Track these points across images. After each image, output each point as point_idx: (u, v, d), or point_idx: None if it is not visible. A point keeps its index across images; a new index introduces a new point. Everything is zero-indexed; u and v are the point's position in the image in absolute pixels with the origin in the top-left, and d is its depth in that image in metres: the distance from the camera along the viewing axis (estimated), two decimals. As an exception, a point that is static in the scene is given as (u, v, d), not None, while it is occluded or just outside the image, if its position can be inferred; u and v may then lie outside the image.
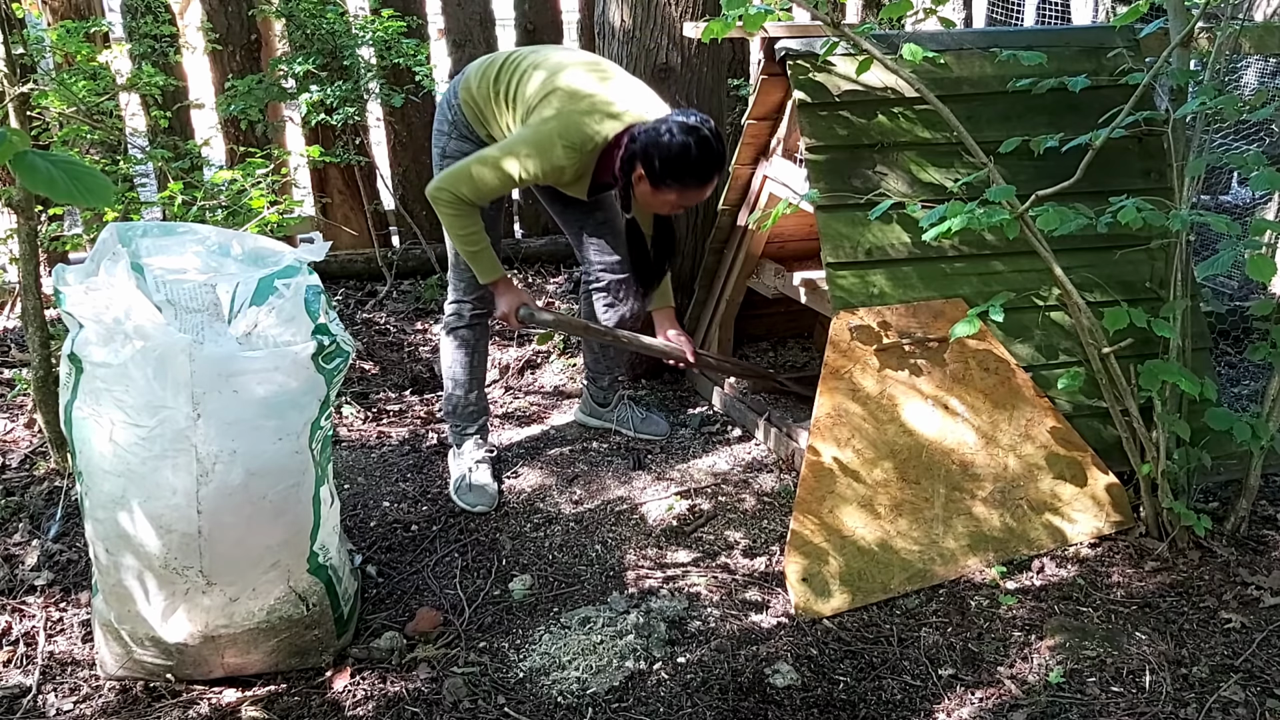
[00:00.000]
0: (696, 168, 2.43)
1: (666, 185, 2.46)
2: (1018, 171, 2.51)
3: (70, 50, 3.33)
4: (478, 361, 2.90)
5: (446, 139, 2.72)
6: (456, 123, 2.70)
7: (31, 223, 2.64)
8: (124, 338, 1.88)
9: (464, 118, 2.68)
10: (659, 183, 2.45)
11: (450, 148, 2.71)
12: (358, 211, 4.53)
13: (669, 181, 2.45)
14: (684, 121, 2.42)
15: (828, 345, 2.46)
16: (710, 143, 2.43)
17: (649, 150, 2.42)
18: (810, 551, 2.37)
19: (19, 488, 2.81)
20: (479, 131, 2.68)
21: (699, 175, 2.45)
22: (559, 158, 2.47)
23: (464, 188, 2.51)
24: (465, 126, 2.69)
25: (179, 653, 2.06)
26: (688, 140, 2.40)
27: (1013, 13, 5.93)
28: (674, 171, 2.43)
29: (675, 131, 2.40)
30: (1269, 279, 2.04)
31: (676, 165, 2.42)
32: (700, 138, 2.41)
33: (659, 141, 2.41)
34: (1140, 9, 2.43)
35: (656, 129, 2.43)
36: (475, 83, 2.65)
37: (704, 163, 2.43)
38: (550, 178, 2.54)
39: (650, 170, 2.44)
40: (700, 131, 2.41)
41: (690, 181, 2.46)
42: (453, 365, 2.88)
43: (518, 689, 2.12)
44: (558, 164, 2.49)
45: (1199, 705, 2.00)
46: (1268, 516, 2.62)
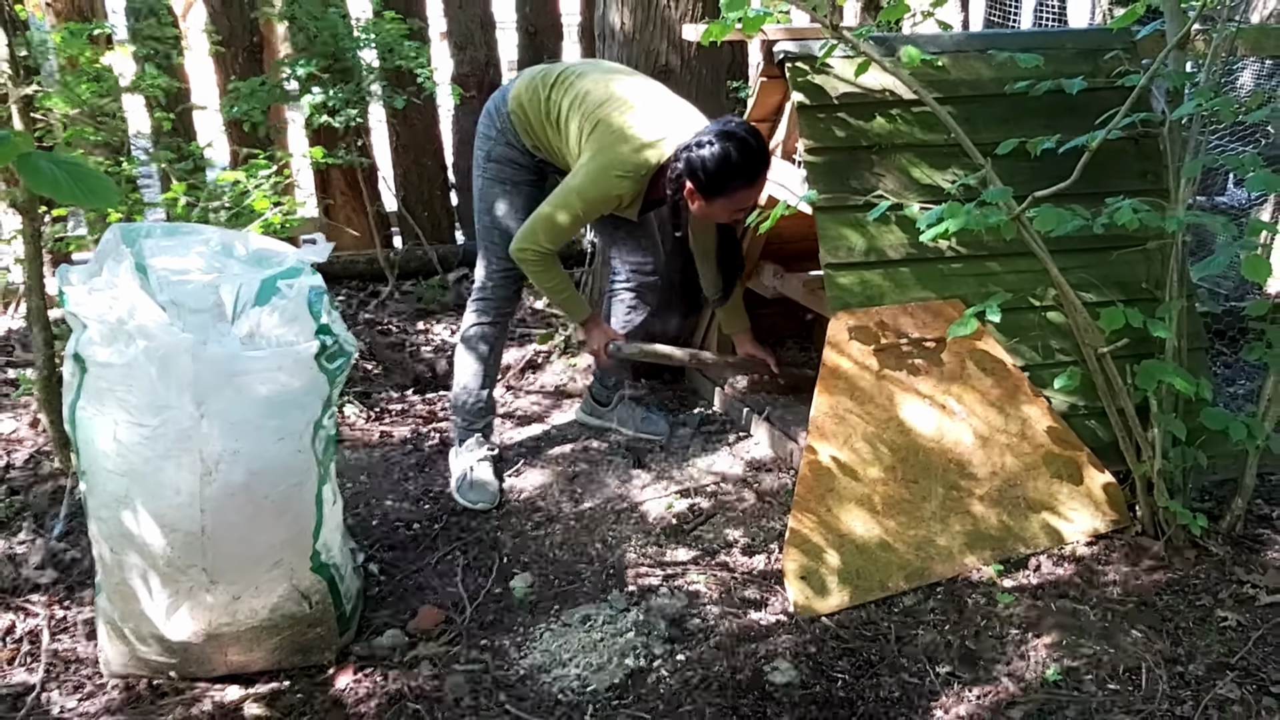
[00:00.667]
0: (740, 171, 2.49)
1: (717, 195, 2.53)
2: (1015, 173, 2.52)
3: (73, 52, 3.34)
4: (493, 360, 2.94)
5: (492, 144, 2.79)
6: (504, 130, 2.77)
7: (36, 224, 2.65)
8: (128, 338, 1.89)
9: (511, 126, 2.75)
10: (709, 194, 2.52)
11: (495, 152, 2.79)
12: (360, 213, 4.55)
13: (718, 190, 2.51)
14: (719, 129, 2.50)
15: (826, 345, 2.48)
16: (749, 143, 2.50)
17: (692, 165, 2.50)
18: (809, 550, 2.39)
19: (23, 487, 2.82)
20: (525, 141, 2.76)
21: (745, 177, 2.51)
22: (616, 188, 2.58)
23: (542, 239, 2.61)
24: (513, 134, 2.76)
25: (182, 651, 2.07)
26: (726, 146, 2.47)
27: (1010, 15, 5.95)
28: (719, 179, 2.49)
29: (713, 141, 2.48)
30: (1264, 279, 2.05)
31: (721, 173, 2.48)
32: (738, 140, 2.48)
33: (700, 154, 2.49)
34: (1137, 11, 2.44)
35: (697, 144, 2.50)
36: (526, 96, 2.72)
37: (746, 164, 2.50)
38: (611, 207, 2.64)
39: (698, 184, 2.51)
40: (736, 135, 2.48)
41: (737, 185, 2.52)
42: (469, 361, 2.91)
43: (519, 686, 2.14)
44: (616, 194, 2.60)
45: (1195, 703, 2.02)
46: (1263, 515, 2.63)
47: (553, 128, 2.69)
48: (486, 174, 2.80)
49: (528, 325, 4.14)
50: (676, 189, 2.57)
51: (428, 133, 4.62)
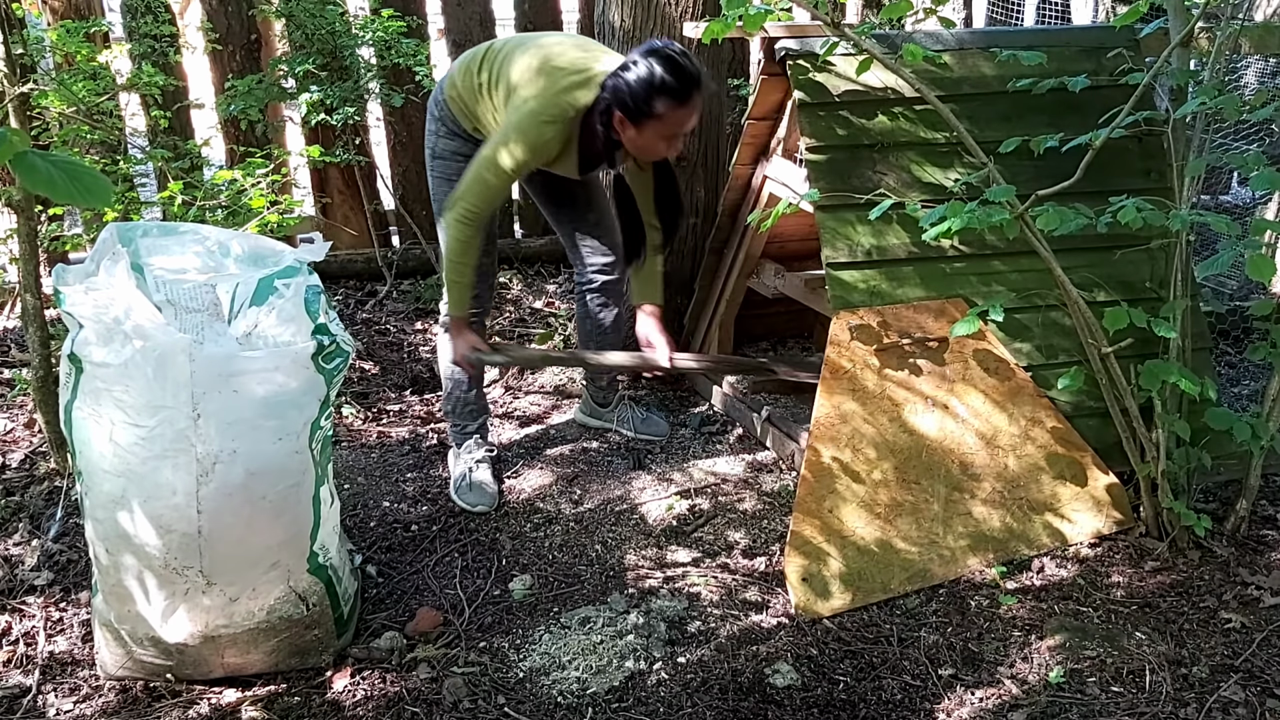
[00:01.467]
0: (668, 89, 2.32)
1: (647, 118, 2.35)
2: (1018, 171, 2.51)
3: (70, 50, 3.33)
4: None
5: (435, 138, 2.71)
6: (443, 119, 2.68)
7: (31, 223, 2.64)
8: (124, 338, 1.88)
9: (450, 113, 2.66)
10: (639, 118, 2.35)
11: (439, 146, 2.70)
12: (358, 211, 4.53)
13: (648, 112, 2.34)
14: (644, 49, 2.35)
15: (828, 345, 2.46)
16: (675, 59, 2.33)
17: (618, 89, 2.34)
18: (810, 551, 2.37)
19: (19, 488, 2.81)
20: (465, 126, 2.66)
21: (675, 95, 2.33)
22: (543, 133, 2.42)
23: (472, 200, 2.48)
24: (452, 122, 2.67)
25: (179, 653, 2.06)
26: (650, 64, 2.31)
27: (1013, 13, 5.93)
28: (648, 98, 2.32)
29: (638, 60, 2.33)
30: (1269, 279, 2.04)
31: (648, 93, 2.31)
32: (663, 56, 2.32)
33: (624, 76, 2.33)
34: (1140, 9, 2.43)
35: (621, 68, 2.36)
36: (459, 78, 2.64)
37: (676, 81, 2.32)
38: (541, 156, 2.48)
39: (626, 108, 2.34)
40: (662, 52, 2.33)
41: (668, 104, 2.33)
42: (451, 365, 2.88)
43: (518, 689, 2.12)
44: (543, 139, 2.43)
45: (1199, 705, 2.00)
46: (1268, 516, 2.62)
47: (487, 100, 2.57)
48: (434, 172, 2.73)
49: (527, 325, 4.12)
50: (605, 122, 2.40)
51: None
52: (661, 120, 2.36)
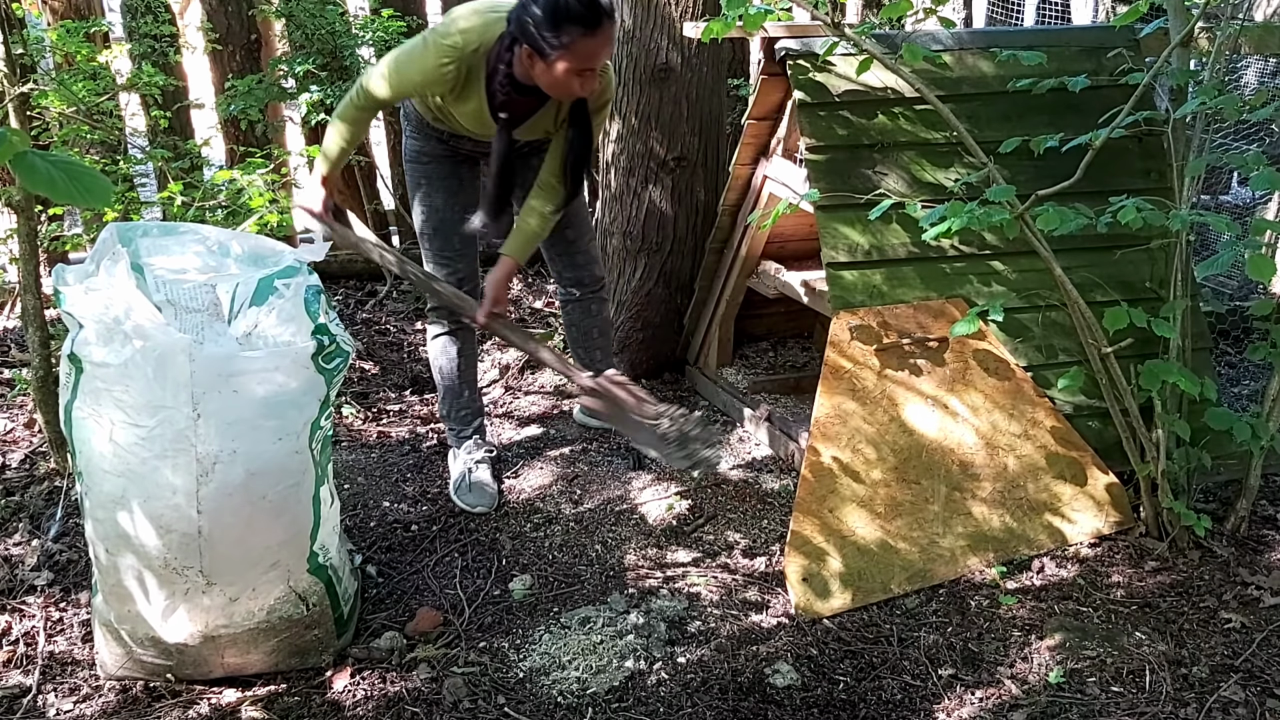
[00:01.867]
0: (575, 15, 2.17)
1: (555, 49, 2.21)
2: (1018, 171, 2.51)
3: (70, 50, 3.33)
4: (465, 364, 2.88)
5: (407, 141, 2.70)
6: (409, 115, 2.67)
7: (31, 223, 2.64)
8: (124, 338, 1.87)
9: (414, 108, 2.63)
10: (547, 50, 2.21)
11: (409, 150, 2.69)
12: (358, 211, 4.54)
13: (554, 42, 2.20)
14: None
15: (828, 345, 2.46)
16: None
17: (522, 20, 2.21)
18: (810, 551, 2.37)
19: (19, 488, 2.81)
20: (427, 117, 2.60)
21: (582, 23, 2.18)
22: (437, 60, 2.32)
23: (370, 83, 2.43)
24: (415, 117, 2.64)
25: (179, 653, 2.06)
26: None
27: (1013, 13, 5.93)
28: (554, 26, 2.18)
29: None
30: (1269, 279, 2.04)
31: (554, 21, 2.17)
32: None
33: (528, 8, 2.20)
34: (1140, 9, 2.43)
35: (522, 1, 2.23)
36: None
37: (582, 7, 2.17)
38: (435, 84, 2.37)
39: (532, 40, 2.21)
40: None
41: (575, 31, 2.19)
42: (441, 369, 2.88)
43: (518, 689, 2.12)
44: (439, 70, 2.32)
45: (1199, 705, 2.00)
46: (1268, 516, 2.62)
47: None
48: (407, 175, 2.72)
49: (527, 325, 4.12)
50: (508, 60, 2.30)
51: (426, 131, 4.60)
52: (570, 51, 2.21)
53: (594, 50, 2.24)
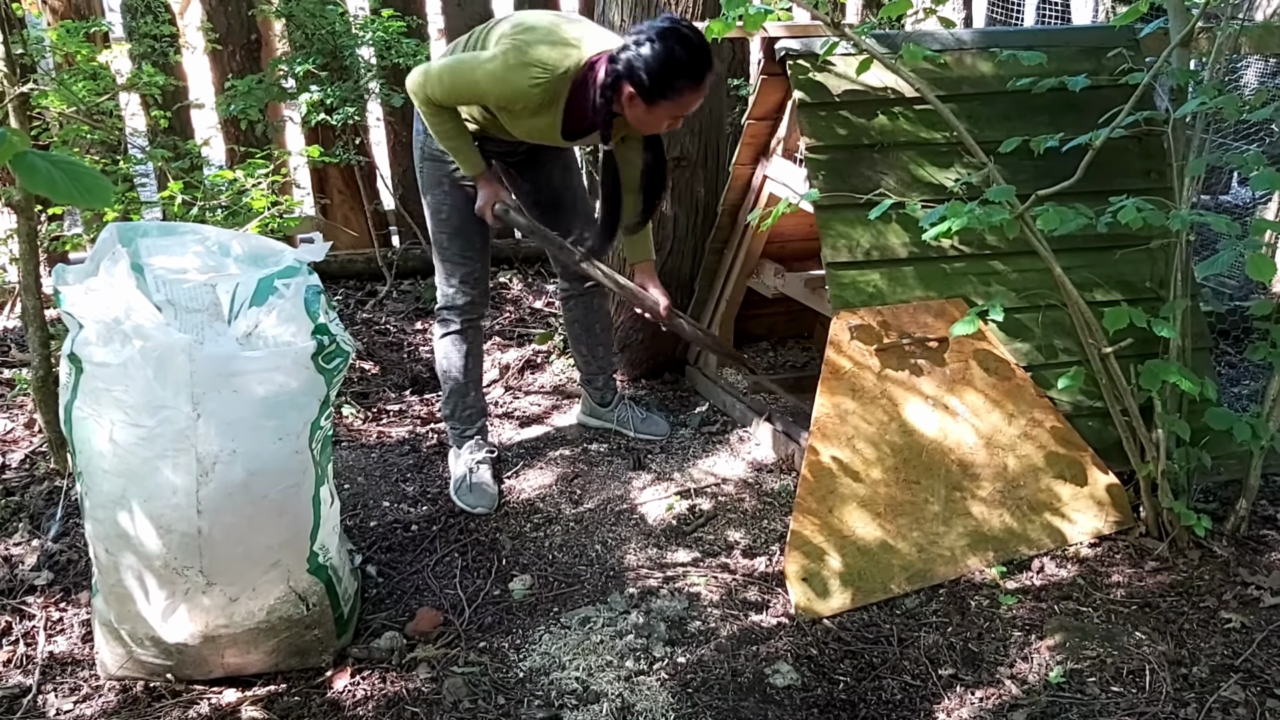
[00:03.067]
0: (686, 69, 2.30)
1: (661, 97, 2.32)
2: (1018, 171, 2.51)
3: (70, 50, 3.33)
4: (472, 363, 2.89)
5: (425, 136, 2.69)
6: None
7: (31, 223, 2.64)
8: (124, 338, 1.88)
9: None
10: (653, 97, 2.32)
11: (430, 147, 2.68)
12: (358, 211, 4.53)
13: (662, 91, 2.31)
14: (660, 27, 2.30)
15: (828, 345, 2.46)
16: (692, 40, 2.31)
17: (633, 65, 2.30)
18: (810, 551, 2.37)
19: (19, 488, 2.81)
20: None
21: (691, 76, 2.31)
22: (527, 80, 2.37)
23: (434, 88, 2.44)
24: None
25: (179, 653, 2.06)
26: (670, 44, 2.28)
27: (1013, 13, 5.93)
28: (665, 78, 2.29)
29: (655, 38, 2.28)
30: (1269, 279, 2.04)
31: (666, 71, 2.28)
32: (681, 36, 2.29)
33: (640, 54, 2.29)
34: (1140, 9, 2.43)
35: (636, 42, 2.31)
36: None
37: (692, 63, 2.30)
38: (517, 98, 2.41)
39: (640, 85, 2.31)
40: (680, 31, 2.30)
41: (683, 86, 2.32)
42: (448, 368, 2.88)
43: (518, 689, 2.12)
44: (526, 87, 2.38)
45: (1199, 705, 2.00)
46: (1268, 516, 2.62)
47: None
48: (424, 173, 2.73)
49: (527, 325, 4.12)
50: (611, 95, 2.36)
51: (426, 131, 4.60)
52: (674, 101, 2.34)
53: (694, 101, 2.37)
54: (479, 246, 2.78)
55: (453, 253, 2.76)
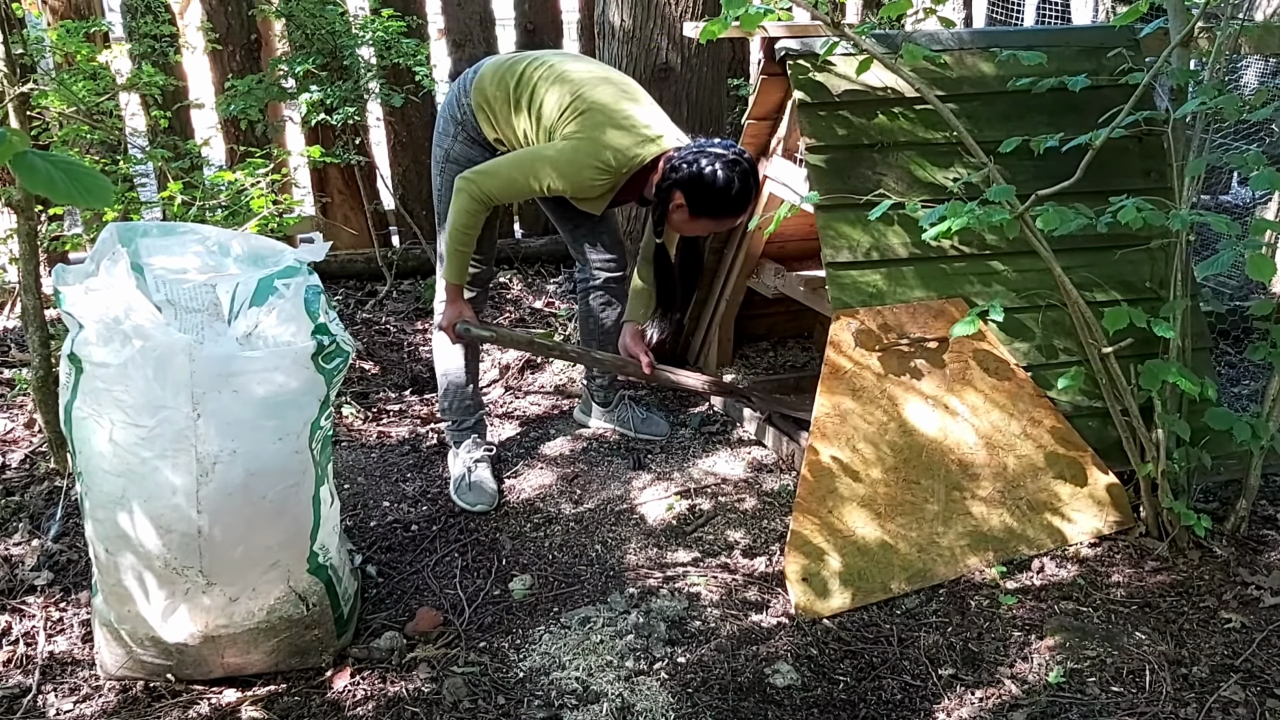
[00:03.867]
0: (737, 201, 2.51)
1: (706, 216, 2.54)
2: (1018, 171, 2.51)
3: (70, 50, 3.33)
4: (470, 357, 2.91)
5: (452, 140, 2.72)
6: (465, 124, 2.69)
7: (31, 222, 2.63)
8: (124, 338, 1.87)
9: (474, 119, 2.68)
10: (698, 213, 2.53)
11: (456, 151, 2.71)
12: (358, 211, 4.53)
13: (712, 211, 2.52)
14: (725, 155, 2.48)
15: (827, 346, 2.46)
16: (750, 177, 2.51)
17: (692, 182, 2.48)
18: (810, 551, 2.37)
19: (19, 488, 2.81)
20: (488, 134, 2.68)
21: (737, 208, 2.54)
22: (592, 176, 2.52)
23: (491, 184, 2.54)
24: (474, 129, 2.69)
25: (179, 653, 2.06)
26: (731, 175, 2.47)
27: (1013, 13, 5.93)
28: (716, 205, 2.50)
29: (719, 166, 2.47)
30: (1269, 279, 2.04)
31: (719, 199, 2.49)
32: (742, 173, 2.49)
33: (703, 174, 2.47)
34: (1140, 9, 2.43)
35: (699, 161, 2.48)
36: (491, 85, 2.64)
37: (744, 197, 2.51)
38: (577, 193, 2.58)
39: (691, 200, 2.50)
40: (742, 166, 2.49)
41: (728, 213, 2.54)
42: (446, 363, 2.89)
43: (518, 689, 2.12)
44: (589, 182, 2.54)
45: (1199, 705, 2.00)
46: (1268, 516, 2.62)
47: (526, 113, 2.60)
48: (445, 175, 2.74)
49: (527, 325, 4.12)
50: (664, 198, 2.54)
51: (426, 131, 4.57)
52: (716, 221, 2.58)
53: (733, 223, 2.64)
54: (484, 250, 2.82)
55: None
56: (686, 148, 2.53)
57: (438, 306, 2.86)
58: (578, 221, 2.89)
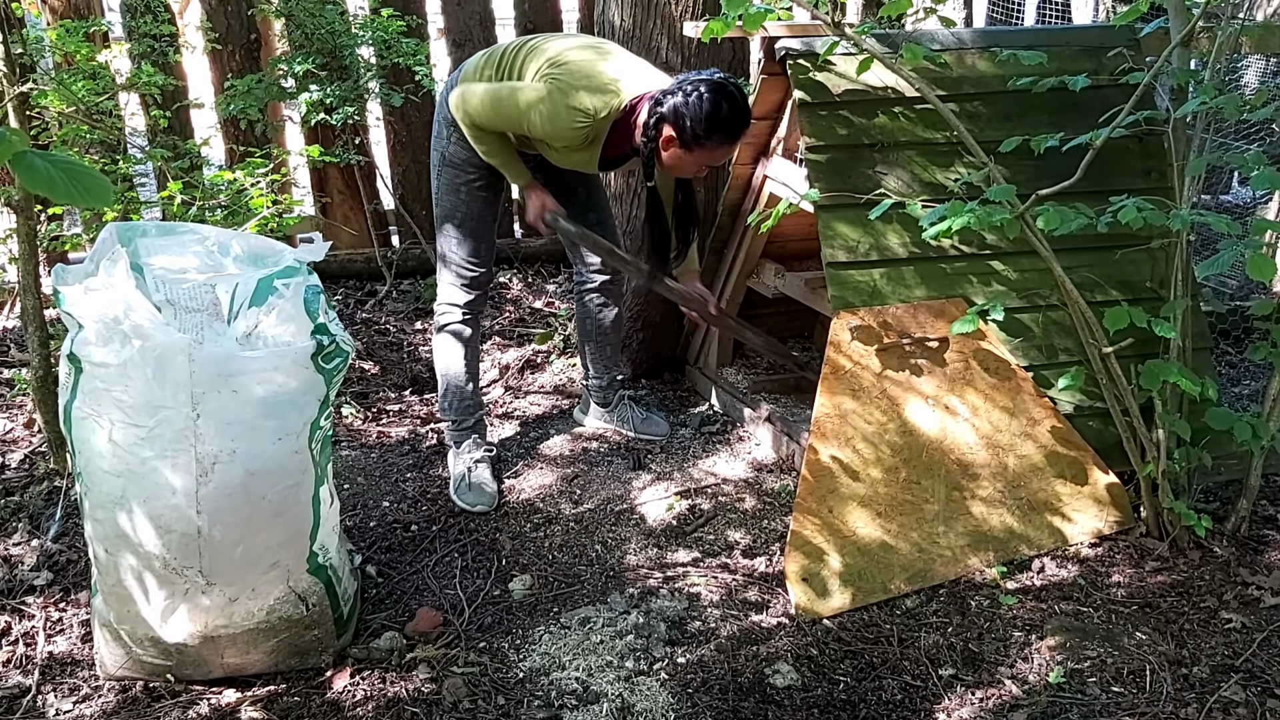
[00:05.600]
0: (728, 123, 2.43)
1: (698, 144, 2.45)
2: (1018, 171, 2.50)
3: (70, 50, 3.32)
4: (470, 357, 2.90)
5: (446, 142, 2.72)
6: (456, 124, 2.68)
7: (31, 222, 2.63)
8: (123, 338, 1.87)
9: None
10: (691, 143, 2.44)
11: (450, 153, 2.71)
12: (357, 211, 4.53)
13: (700, 140, 2.44)
14: (710, 80, 2.42)
15: (828, 345, 2.46)
16: (737, 98, 2.44)
17: (679, 111, 2.41)
18: (810, 551, 2.37)
19: (18, 488, 2.80)
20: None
21: (731, 131, 2.46)
22: (569, 121, 2.46)
23: (479, 115, 2.53)
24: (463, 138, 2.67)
25: (179, 653, 2.06)
26: (718, 98, 2.40)
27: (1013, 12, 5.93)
28: (707, 130, 2.42)
29: (704, 90, 2.40)
30: (1269, 278, 2.04)
31: (710, 123, 2.41)
32: (728, 94, 2.42)
33: (688, 102, 2.40)
34: (1140, 8, 2.42)
35: (683, 90, 2.42)
36: (474, 77, 2.64)
37: (735, 118, 2.44)
38: (559, 138, 2.51)
39: (682, 131, 2.43)
40: (728, 88, 2.43)
41: (720, 138, 2.46)
42: (447, 363, 2.89)
43: (518, 689, 2.12)
44: (568, 125, 2.47)
45: (1199, 705, 2.00)
46: (1268, 516, 2.62)
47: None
48: (442, 178, 2.75)
49: (527, 325, 4.12)
50: (653, 135, 2.47)
51: (426, 130, 4.56)
52: (710, 151, 2.48)
53: (728, 153, 2.56)
54: (483, 253, 2.82)
55: (461, 256, 2.80)
56: (670, 82, 2.48)
57: (438, 308, 2.86)
58: (575, 220, 2.88)
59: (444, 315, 2.87)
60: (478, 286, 2.85)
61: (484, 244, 2.80)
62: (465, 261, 2.79)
